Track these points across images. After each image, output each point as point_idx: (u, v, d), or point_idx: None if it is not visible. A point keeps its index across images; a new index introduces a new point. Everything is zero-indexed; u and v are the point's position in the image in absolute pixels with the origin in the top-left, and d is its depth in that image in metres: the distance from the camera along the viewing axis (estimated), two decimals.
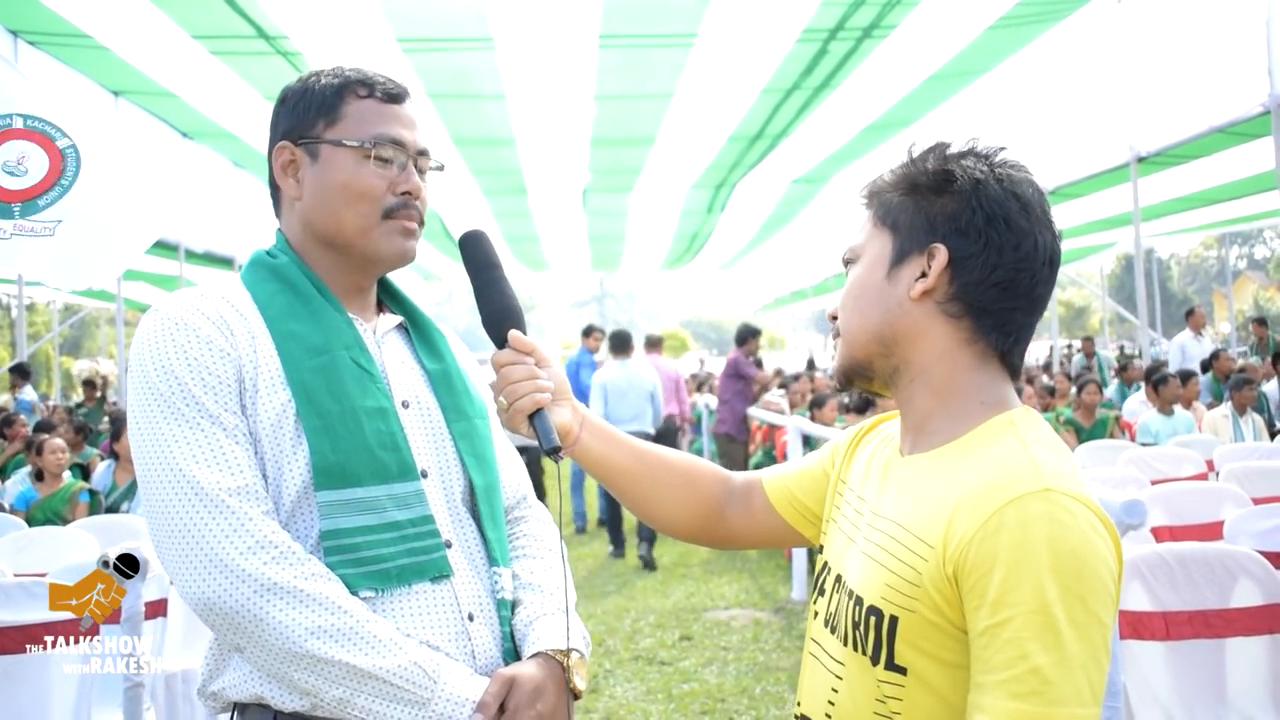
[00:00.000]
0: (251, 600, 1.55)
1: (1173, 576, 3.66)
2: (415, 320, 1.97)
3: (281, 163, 1.83)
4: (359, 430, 1.69)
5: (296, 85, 1.85)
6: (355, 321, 1.82)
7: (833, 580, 1.54)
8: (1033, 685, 1.19)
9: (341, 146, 1.78)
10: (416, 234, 1.84)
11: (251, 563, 1.56)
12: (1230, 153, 11.15)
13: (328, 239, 1.81)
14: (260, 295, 1.78)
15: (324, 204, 1.79)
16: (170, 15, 8.97)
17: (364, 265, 1.84)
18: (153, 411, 1.65)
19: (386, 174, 1.78)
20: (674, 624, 7.56)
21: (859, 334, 1.50)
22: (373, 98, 1.81)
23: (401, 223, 1.80)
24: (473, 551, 1.81)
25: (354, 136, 1.78)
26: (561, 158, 14.38)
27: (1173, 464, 7.01)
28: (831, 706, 1.45)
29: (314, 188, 1.80)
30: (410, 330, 1.95)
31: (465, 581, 1.76)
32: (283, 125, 1.84)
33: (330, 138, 1.79)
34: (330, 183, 1.78)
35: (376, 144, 1.78)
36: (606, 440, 1.78)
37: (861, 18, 9.41)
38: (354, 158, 1.78)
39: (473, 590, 1.77)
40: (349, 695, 1.57)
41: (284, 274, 1.81)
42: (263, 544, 1.58)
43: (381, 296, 1.96)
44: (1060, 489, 1.26)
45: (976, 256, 1.41)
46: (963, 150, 1.47)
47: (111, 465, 7.57)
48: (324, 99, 1.81)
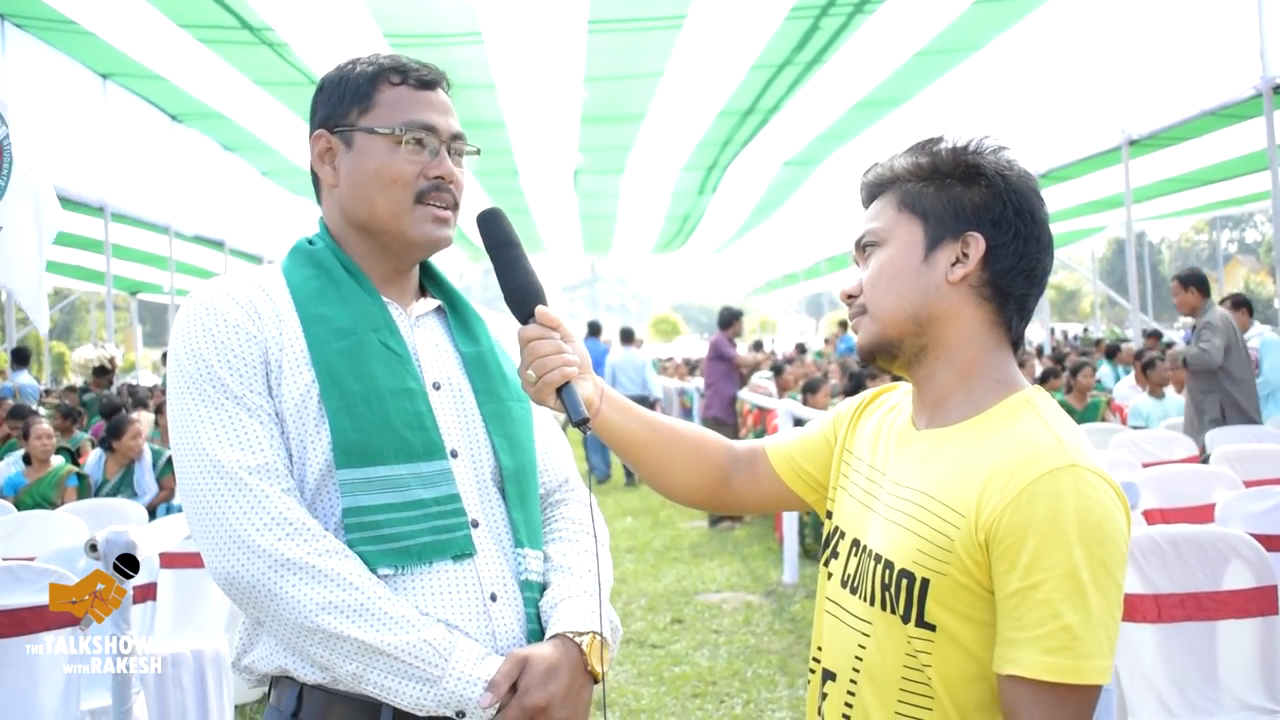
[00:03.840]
0: (266, 575, 1.60)
1: (1164, 559, 3.67)
2: (455, 304, 1.99)
3: (319, 151, 1.87)
4: (383, 410, 1.72)
5: (333, 74, 1.89)
6: (390, 305, 1.85)
7: (848, 544, 1.64)
8: (1064, 641, 1.33)
9: (374, 134, 1.81)
10: (450, 220, 1.87)
11: (266, 539, 1.61)
12: (1222, 135, 11.16)
13: (362, 224, 1.84)
14: (294, 280, 1.83)
15: (358, 190, 1.82)
16: (155, 4, 8.93)
17: (398, 250, 1.86)
18: (183, 394, 1.71)
19: (419, 159, 1.81)
20: (665, 607, 7.56)
21: (895, 313, 1.57)
22: (406, 84, 1.84)
23: (432, 208, 1.83)
24: (500, 532, 1.83)
25: (386, 123, 1.81)
26: (552, 139, 14.36)
27: (1164, 447, 7.03)
28: (860, 661, 1.55)
29: (349, 174, 1.83)
30: (449, 314, 1.97)
31: (490, 561, 1.78)
32: (320, 114, 1.88)
33: (364, 125, 1.82)
34: (363, 169, 1.81)
35: (408, 130, 1.81)
36: (624, 413, 1.83)
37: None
38: (386, 144, 1.81)
39: (497, 570, 1.78)
40: (361, 670, 1.60)
41: (319, 260, 1.85)
42: (278, 520, 1.62)
43: (424, 281, 1.99)
44: (1084, 464, 1.39)
45: (1008, 246, 1.53)
46: (975, 145, 1.58)
47: (103, 457, 7.53)
48: (358, 87, 1.84)
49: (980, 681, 1.44)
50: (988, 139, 1.58)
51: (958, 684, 1.45)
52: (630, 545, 9.78)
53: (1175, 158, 12.53)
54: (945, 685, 1.46)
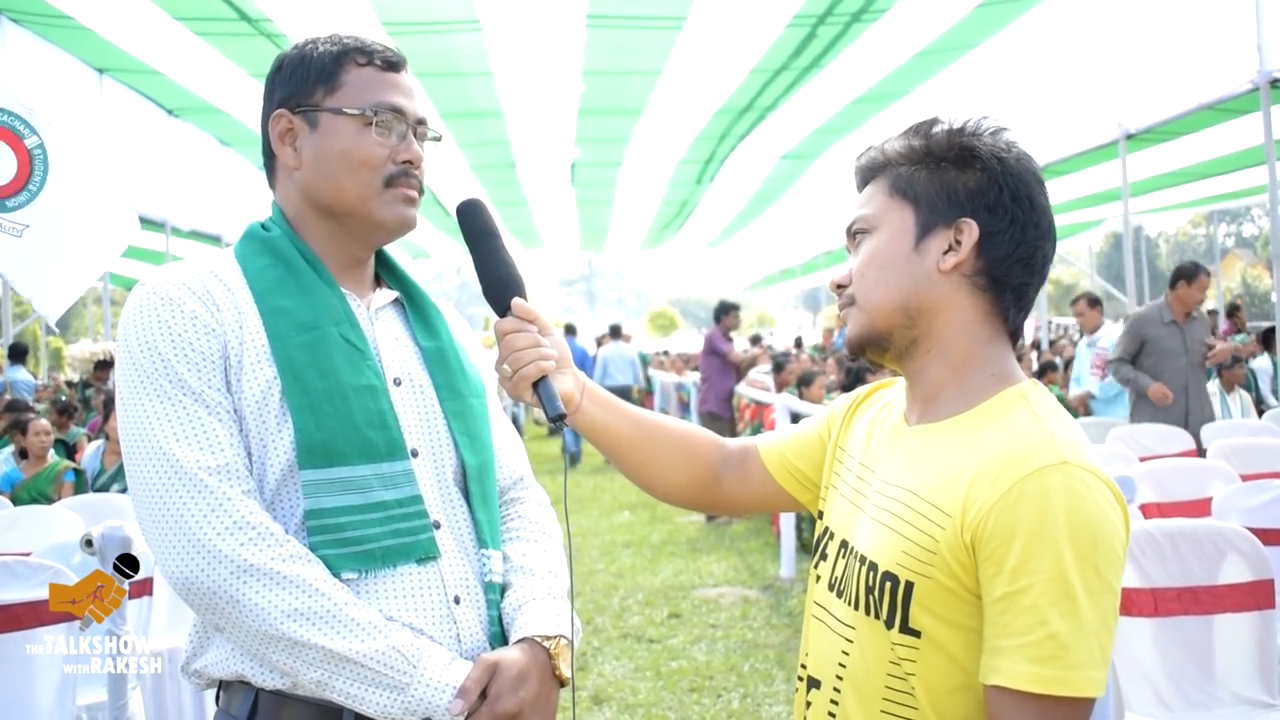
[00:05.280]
0: (228, 581, 1.54)
1: (1161, 553, 3.67)
2: (412, 296, 1.94)
3: (279, 131, 1.81)
4: (346, 408, 1.67)
5: (293, 52, 1.83)
6: (349, 297, 1.80)
7: (837, 545, 1.58)
8: (1051, 650, 1.25)
9: (342, 114, 1.76)
10: (417, 202, 1.83)
11: (229, 543, 1.55)
12: (1219, 129, 11.12)
13: (327, 207, 1.79)
14: (250, 269, 1.76)
15: (324, 172, 1.77)
16: None
17: (364, 234, 1.82)
18: (136, 388, 1.64)
19: (387, 142, 1.77)
20: (662, 601, 7.56)
21: (884, 304, 1.51)
22: (372, 65, 1.80)
23: (403, 190, 1.78)
24: (462, 533, 1.79)
25: (354, 104, 1.76)
26: (549, 131, 14.33)
27: (1161, 441, 7.02)
28: (843, 669, 1.49)
29: (313, 156, 1.78)
30: (406, 306, 1.92)
31: (453, 563, 1.74)
32: (279, 93, 1.82)
33: (330, 105, 1.77)
34: (330, 150, 1.76)
35: (377, 111, 1.76)
36: (607, 408, 1.79)
37: (850, 3, 9.42)
38: (354, 125, 1.76)
39: (460, 572, 1.75)
40: (327, 678, 1.56)
41: (276, 247, 1.79)
42: (240, 525, 1.57)
43: (380, 271, 1.94)
44: (1076, 462, 1.32)
45: (1003, 233, 1.45)
46: (973, 127, 1.50)
47: (101, 447, 7.54)
48: (323, 66, 1.79)
49: (966, 692, 1.37)
50: (986, 120, 1.50)
51: (942, 694, 1.38)
52: (627, 540, 9.78)
53: (1172, 152, 12.51)
54: (930, 695, 1.39)
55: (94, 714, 3.86)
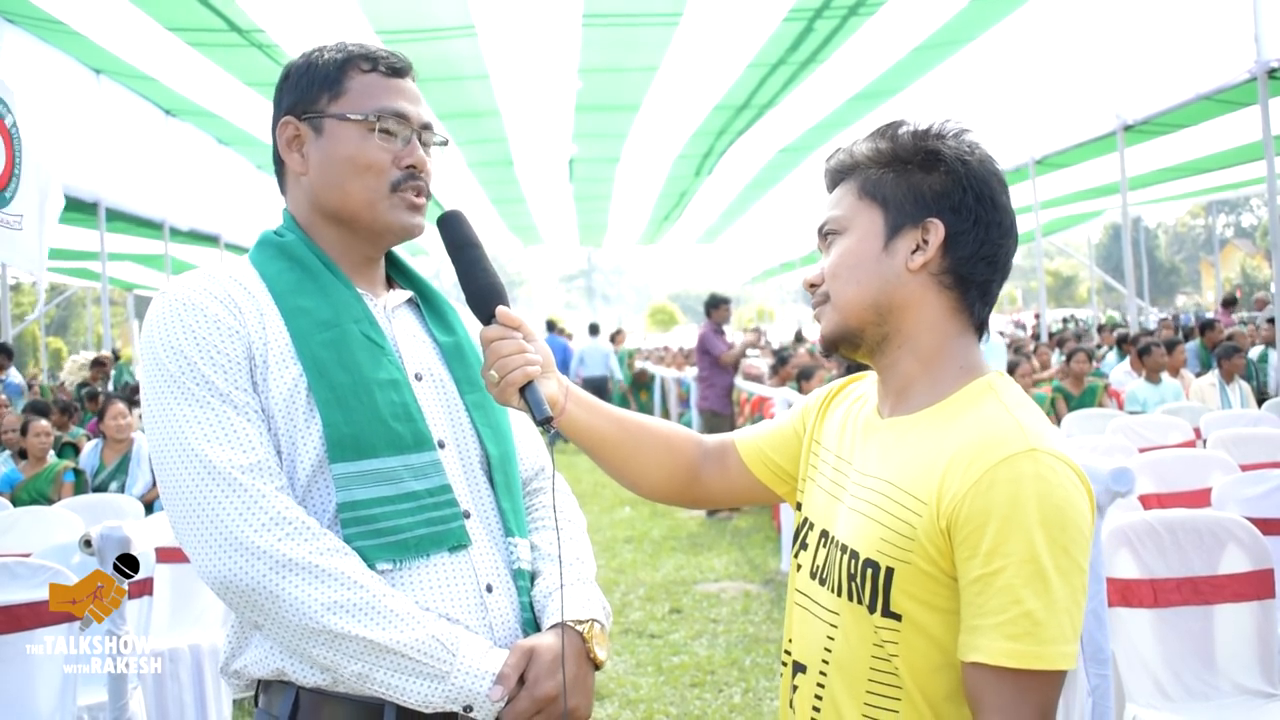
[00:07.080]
0: (267, 577, 1.56)
1: (1161, 544, 3.67)
2: (425, 294, 1.97)
3: (286, 138, 1.83)
4: (371, 401, 1.70)
5: (300, 60, 1.85)
6: (364, 296, 1.82)
7: (817, 535, 1.64)
8: (1025, 627, 1.33)
9: (346, 120, 1.78)
10: (423, 208, 1.84)
11: (266, 539, 1.57)
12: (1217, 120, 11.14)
13: (334, 213, 1.81)
14: (268, 273, 1.78)
15: (329, 178, 1.79)
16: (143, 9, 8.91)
17: (371, 238, 1.84)
18: (164, 393, 1.65)
19: (391, 147, 1.79)
20: (664, 597, 7.57)
21: (855, 303, 1.57)
22: (376, 71, 1.82)
23: (408, 196, 1.80)
24: (490, 522, 1.82)
25: (358, 110, 1.78)
26: (546, 129, 14.33)
27: (1160, 431, 7.03)
28: (829, 653, 1.55)
29: (319, 162, 1.80)
30: (421, 304, 1.96)
31: (483, 552, 1.77)
32: (286, 100, 1.84)
33: (334, 111, 1.79)
34: (335, 156, 1.78)
35: (381, 117, 1.78)
36: (590, 410, 1.83)
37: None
38: (359, 131, 1.78)
39: (491, 561, 1.78)
40: (368, 670, 1.58)
41: (291, 251, 1.81)
42: (277, 520, 1.59)
43: (390, 272, 1.97)
44: (1043, 449, 1.38)
45: (968, 233, 1.52)
46: (937, 129, 1.56)
47: (99, 445, 7.53)
48: (327, 73, 1.80)
49: (947, 670, 1.44)
50: (950, 123, 1.56)
51: (925, 674, 1.45)
52: (628, 535, 9.78)
53: (1171, 144, 12.52)
54: (913, 675, 1.46)
55: (94, 714, 3.86)
